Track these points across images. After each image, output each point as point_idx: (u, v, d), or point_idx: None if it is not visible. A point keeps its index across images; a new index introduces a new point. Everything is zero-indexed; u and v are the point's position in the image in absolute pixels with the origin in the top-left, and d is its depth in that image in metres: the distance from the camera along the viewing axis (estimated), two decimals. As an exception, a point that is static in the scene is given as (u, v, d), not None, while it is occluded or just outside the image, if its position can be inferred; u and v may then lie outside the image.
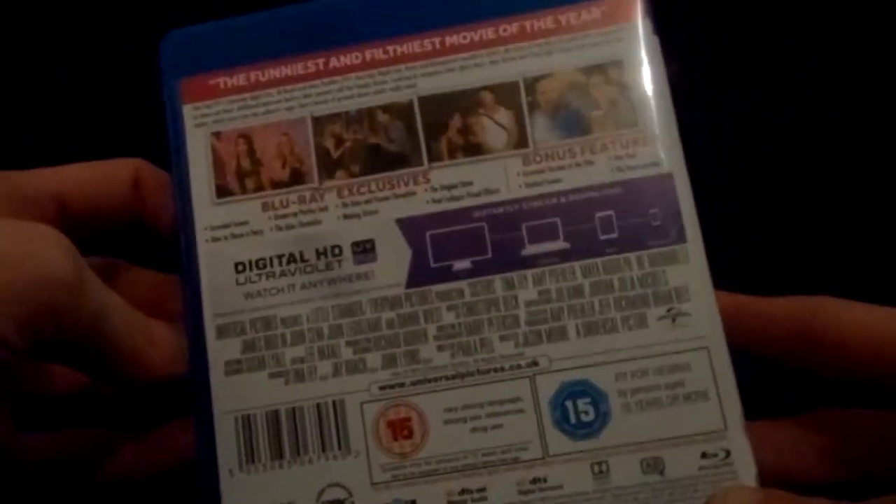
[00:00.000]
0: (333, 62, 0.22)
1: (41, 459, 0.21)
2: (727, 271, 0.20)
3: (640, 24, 0.21)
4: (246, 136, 0.22)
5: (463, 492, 0.19)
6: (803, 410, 0.20)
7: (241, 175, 0.21)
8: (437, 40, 0.21)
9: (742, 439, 0.19)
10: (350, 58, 0.22)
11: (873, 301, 0.19)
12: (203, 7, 0.23)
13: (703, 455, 0.19)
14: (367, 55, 0.22)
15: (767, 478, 0.18)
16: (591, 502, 0.19)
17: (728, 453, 0.19)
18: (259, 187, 0.21)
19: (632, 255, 0.20)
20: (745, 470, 0.19)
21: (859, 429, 0.19)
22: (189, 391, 0.20)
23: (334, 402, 0.20)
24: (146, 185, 0.22)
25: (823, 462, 0.19)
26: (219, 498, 0.19)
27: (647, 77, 0.21)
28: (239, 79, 0.22)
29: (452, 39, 0.21)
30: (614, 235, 0.20)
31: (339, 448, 0.20)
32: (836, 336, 0.18)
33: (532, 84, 0.21)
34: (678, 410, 0.19)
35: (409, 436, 0.20)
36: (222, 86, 0.22)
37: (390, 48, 0.22)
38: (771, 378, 0.20)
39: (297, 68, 0.22)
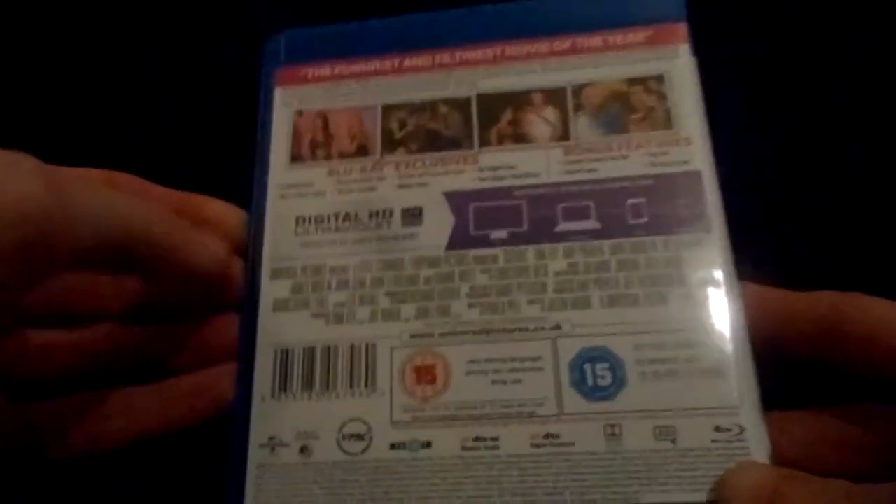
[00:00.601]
0: (407, 62, 0.25)
1: (53, 424, 0.21)
2: (756, 269, 0.21)
3: (682, 47, 0.23)
4: (323, 116, 0.25)
5: (477, 439, 0.20)
6: (824, 405, 0.20)
7: (314, 146, 0.24)
8: (498, 50, 0.25)
9: (757, 418, 0.19)
10: (421, 59, 0.25)
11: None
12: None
13: (717, 429, 0.19)
14: (437, 58, 0.25)
15: (779, 465, 0.18)
16: (601, 463, 0.19)
17: (742, 429, 0.19)
18: (328, 156, 0.24)
19: (658, 238, 0.21)
20: (759, 448, 0.19)
21: (879, 422, 0.19)
22: (240, 324, 0.22)
23: (367, 345, 0.21)
24: (120, 185, 0.23)
25: (839, 453, 0.19)
26: (248, 420, 0.21)
27: (684, 90, 0.23)
28: (325, 70, 0.25)
29: (512, 50, 0.25)
30: (643, 220, 0.22)
31: (366, 386, 0.21)
32: (863, 332, 0.19)
33: (578, 90, 0.24)
34: (694, 383, 0.19)
35: (433, 381, 0.21)
36: (310, 75, 0.25)
37: (457, 54, 0.25)
38: (794, 372, 0.20)
39: (375, 65, 0.25)
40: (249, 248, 0.23)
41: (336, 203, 0.23)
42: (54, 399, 0.22)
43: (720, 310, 0.20)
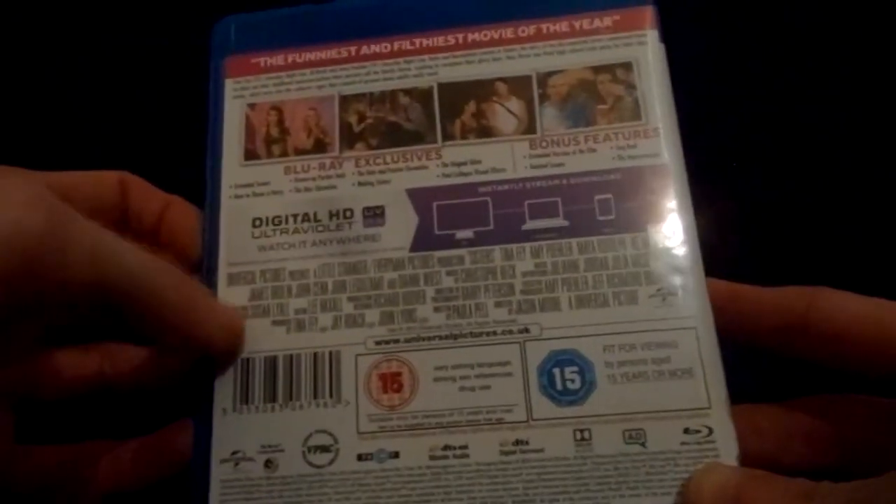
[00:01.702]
0: (364, 49, 0.24)
1: (41, 474, 0.21)
2: (723, 264, 0.21)
3: (649, 33, 0.23)
4: (277, 109, 0.23)
5: (446, 447, 0.19)
6: (790, 398, 0.20)
7: (268, 142, 0.23)
8: (459, 36, 0.23)
9: (725, 418, 0.19)
10: (379, 47, 0.24)
11: (870, 294, 0.19)
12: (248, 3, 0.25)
13: (686, 430, 0.19)
14: (395, 45, 0.24)
15: (749, 461, 0.18)
16: (571, 468, 0.19)
17: (710, 431, 0.19)
18: (284, 153, 0.23)
19: (627, 236, 0.21)
20: (727, 449, 0.19)
21: (847, 414, 0.19)
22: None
23: (330, 353, 0.21)
24: (131, 187, 0.22)
25: (807, 447, 0.19)
26: (210, 435, 0.20)
27: (652, 78, 0.22)
28: (277, 59, 0.24)
29: (474, 36, 0.23)
30: (611, 217, 0.21)
31: (331, 396, 0.20)
32: (832, 325, 0.19)
33: (544, 78, 0.23)
34: (663, 385, 0.19)
35: (399, 389, 0.20)
36: (262, 64, 0.24)
37: (416, 40, 0.24)
38: (759, 365, 0.20)
39: (331, 53, 0.24)
40: (204, 252, 0.22)
41: (294, 203, 0.22)
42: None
43: (689, 309, 0.20)
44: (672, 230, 0.21)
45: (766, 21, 0.25)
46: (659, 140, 0.22)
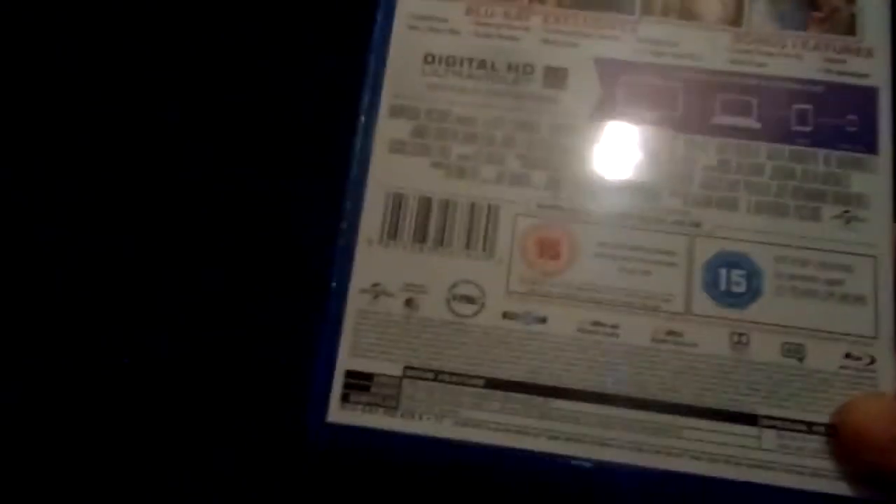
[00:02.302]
0: None
1: None
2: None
3: (880, -52, 0.21)
4: (467, -56, 0.22)
5: (596, 323, 0.19)
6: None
7: (452, -23, 0.22)
8: None
9: (889, 352, 0.18)
10: None
11: None
12: None
13: (847, 356, 0.18)
14: None
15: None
16: (723, 368, 0.18)
17: (873, 360, 0.18)
18: (468, -8, 0.21)
19: (820, 151, 0.20)
20: (886, 382, 0.18)
21: None
22: (350, 163, 0.20)
23: (489, 206, 0.20)
24: None
25: None
26: (351, 263, 0.19)
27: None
28: None
29: (691, -89, 0.22)
30: (808, 129, 0.20)
31: (483, 250, 0.19)
32: None
33: (760, -29, 0.21)
34: (832, 307, 0.19)
35: (556, 257, 0.19)
36: None
37: None
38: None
39: None
40: (367, 79, 0.21)
41: (472, 46, 0.21)
42: None
43: (872, 237, 0.19)
44: (870, 155, 0.20)
45: None
46: (871, 60, 0.20)
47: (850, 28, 0.21)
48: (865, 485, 0.17)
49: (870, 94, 0.20)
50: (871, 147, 0.20)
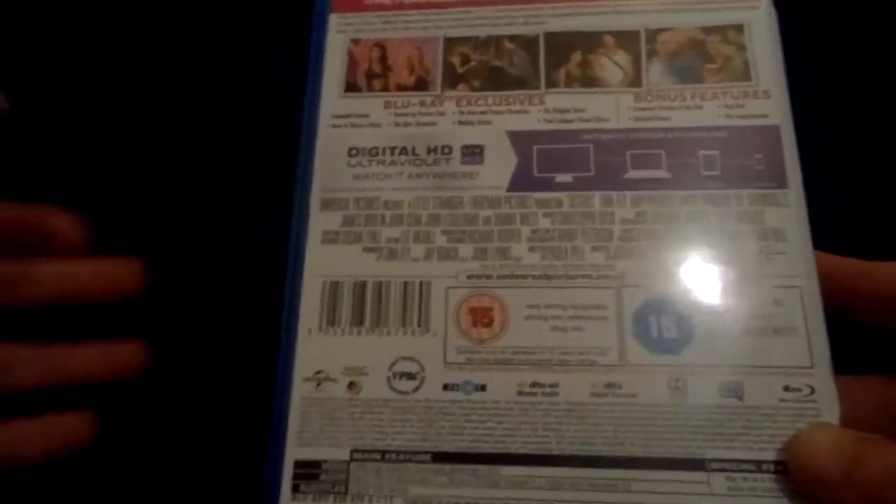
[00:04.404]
0: (472, -4, 0.24)
1: None
2: (830, 232, 0.20)
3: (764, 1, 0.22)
4: (381, 45, 0.24)
5: (534, 384, 0.19)
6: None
7: (370, 76, 0.23)
8: (569, -11, 0.23)
9: (828, 379, 0.18)
10: (488, -6, 0.24)
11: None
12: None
13: (786, 388, 0.18)
14: (504, -6, 0.24)
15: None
16: (665, 415, 0.18)
17: (812, 390, 0.18)
18: (385, 88, 0.23)
19: (732, 192, 0.20)
20: (829, 410, 0.18)
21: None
22: (285, 256, 0.21)
23: (421, 283, 0.20)
24: None
25: None
26: (293, 353, 0.20)
27: (764, 41, 0.22)
28: (384, -1, 0.24)
29: (584, -10, 0.23)
30: (717, 173, 0.21)
31: (419, 325, 0.20)
32: None
33: (653, 34, 0.22)
34: (764, 341, 0.19)
35: (489, 324, 0.20)
36: (369, 2, 0.24)
37: (526, -10, 0.24)
38: (858, 341, 0.20)
39: (439, -3, 0.24)
40: (297, 178, 0.22)
41: (392, 136, 0.22)
42: None
43: (794, 268, 0.19)
44: (780, 190, 0.20)
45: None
46: (769, 101, 0.21)
47: (746, 74, 0.22)
48: (822, 520, 0.17)
49: (772, 133, 0.21)
50: (780, 182, 0.20)
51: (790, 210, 0.20)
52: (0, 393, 0.20)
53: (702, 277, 0.20)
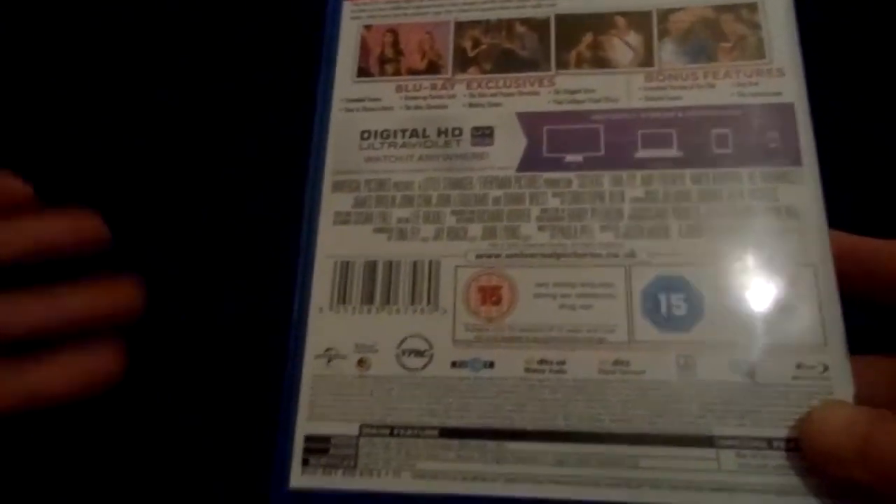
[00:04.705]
0: (483, -20, 0.24)
1: None
2: (842, 211, 0.20)
3: (776, -24, 0.22)
4: (393, 31, 0.24)
5: (542, 361, 0.19)
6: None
7: (382, 61, 0.23)
8: (580, -29, 0.23)
9: (842, 357, 0.18)
10: (499, -22, 0.24)
11: None
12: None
13: (799, 366, 0.18)
14: (515, -23, 0.24)
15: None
16: (673, 392, 0.18)
17: (826, 367, 0.18)
18: (397, 72, 0.23)
19: (744, 170, 0.20)
20: (843, 388, 0.18)
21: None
22: (298, 236, 0.22)
23: (430, 262, 0.21)
24: None
25: None
26: (305, 331, 0.20)
27: (778, 19, 0.22)
28: (396, -15, 0.24)
29: (595, -28, 0.23)
30: (728, 151, 0.20)
31: (428, 303, 0.20)
32: None
33: (665, 14, 0.22)
34: (776, 319, 0.18)
35: (498, 302, 0.20)
36: (381, -11, 0.25)
37: (537, -27, 0.24)
38: (876, 321, 0.19)
39: (450, -18, 0.24)
40: (311, 160, 0.22)
41: (403, 119, 0.22)
42: None
43: (808, 246, 0.19)
44: (794, 167, 0.20)
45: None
46: (783, 79, 0.21)
47: (760, 52, 0.21)
48: (834, 499, 0.16)
49: (786, 111, 0.21)
50: (795, 160, 0.20)
51: (804, 188, 0.20)
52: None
53: (713, 255, 0.19)
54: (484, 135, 0.22)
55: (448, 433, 0.19)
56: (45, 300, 0.21)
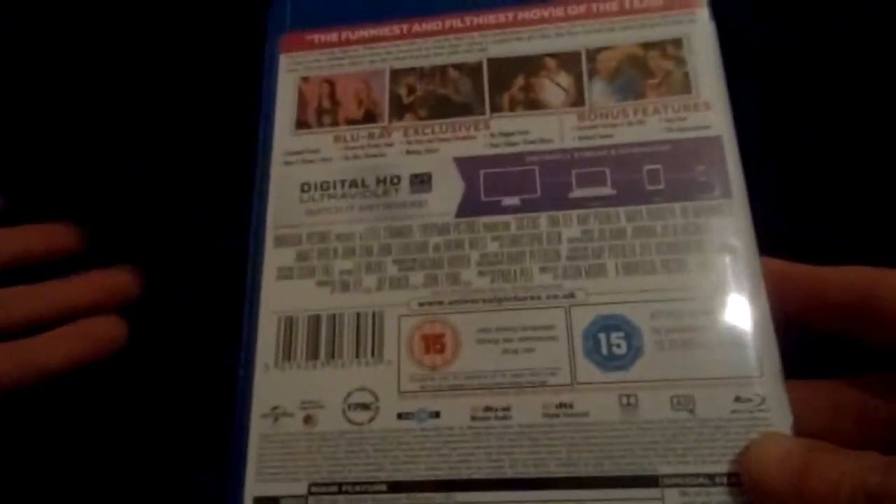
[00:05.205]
0: (416, 27, 0.24)
1: None
2: (775, 238, 0.20)
3: (699, 11, 0.23)
4: (329, 82, 0.24)
5: (487, 409, 0.19)
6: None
7: (320, 112, 0.24)
8: (510, 14, 0.24)
9: (778, 388, 0.18)
10: (431, 24, 0.24)
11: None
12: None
13: (737, 399, 0.18)
14: (447, 23, 0.24)
15: (801, 435, 0.18)
16: (617, 433, 0.18)
17: (763, 399, 0.18)
18: (334, 123, 0.23)
19: (677, 205, 0.20)
20: (781, 418, 0.18)
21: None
22: (242, 292, 0.22)
23: (374, 313, 0.21)
24: None
25: (856, 425, 0.18)
26: (251, 389, 0.20)
27: (703, 54, 0.22)
28: (331, 36, 0.25)
29: (524, 14, 0.24)
30: (661, 186, 0.21)
31: (373, 356, 0.20)
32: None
33: (593, 54, 0.23)
34: (713, 352, 0.19)
35: (442, 350, 0.20)
36: (316, 41, 0.25)
37: (468, 18, 0.24)
38: (809, 348, 0.20)
39: (383, 30, 0.24)
40: (253, 215, 0.23)
41: (343, 169, 0.23)
42: None
43: (741, 278, 0.19)
44: (724, 200, 0.20)
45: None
46: (710, 112, 0.21)
47: (686, 87, 0.22)
48: (776, 532, 0.17)
49: (715, 144, 0.21)
50: (724, 192, 0.20)
51: (735, 219, 0.20)
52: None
53: (650, 292, 0.20)
54: (422, 181, 0.22)
55: (396, 487, 0.19)
56: (42, 289, 0.23)
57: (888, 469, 0.15)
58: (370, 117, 0.23)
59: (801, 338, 0.19)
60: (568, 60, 0.23)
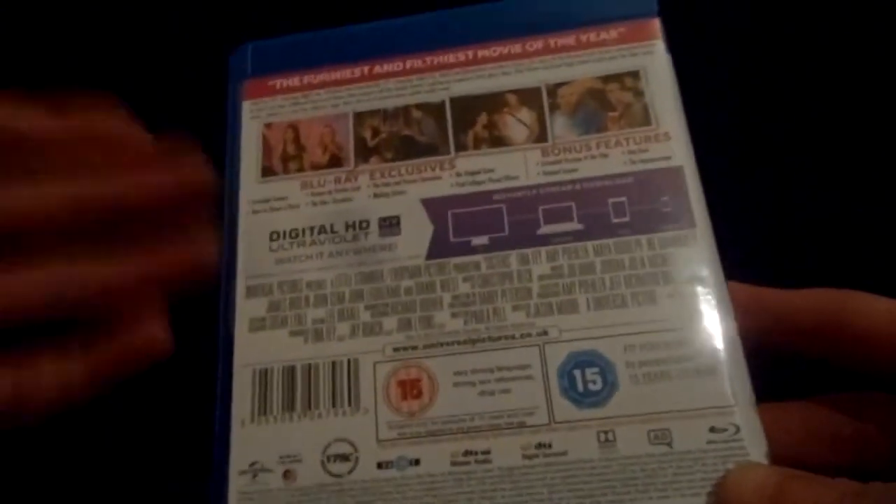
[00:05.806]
0: (377, 69, 0.24)
1: None
2: (738, 264, 0.20)
3: (656, 43, 0.23)
4: (293, 127, 0.24)
5: (467, 453, 0.19)
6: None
7: (285, 158, 0.24)
8: (469, 53, 0.24)
9: (752, 415, 0.18)
10: (392, 66, 0.24)
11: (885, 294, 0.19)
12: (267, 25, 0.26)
13: (712, 429, 0.18)
14: (408, 64, 0.24)
15: (777, 460, 0.18)
16: (595, 470, 0.18)
17: (738, 429, 0.18)
18: (300, 169, 0.23)
19: (643, 238, 0.21)
20: (756, 447, 0.18)
21: (871, 413, 0.18)
22: (216, 346, 0.21)
23: (349, 361, 0.20)
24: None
25: (829, 445, 0.18)
26: (228, 446, 0.20)
27: (661, 85, 0.23)
28: (293, 81, 0.25)
29: (483, 52, 0.24)
30: (626, 219, 0.21)
31: (350, 405, 0.20)
32: (863, 329, 0.18)
33: (553, 89, 0.23)
34: (686, 383, 0.19)
35: (418, 396, 0.20)
36: (278, 86, 0.25)
37: (428, 58, 0.24)
38: (780, 371, 0.20)
39: (345, 73, 0.25)
40: (222, 267, 0.22)
41: (311, 216, 0.23)
42: None
43: (709, 306, 0.20)
44: (688, 230, 0.21)
45: (767, 28, 0.26)
46: (670, 143, 0.22)
47: (646, 118, 0.22)
48: (757, 563, 0.17)
49: (676, 174, 0.21)
50: (688, 221, 0.21)
51: (699, 249, 0.20)
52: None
53: (621, 325, 0.20)
54: (391, 224, 0.22)
55: (379, 538, 0.19)
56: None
57: (858, 496, 0.15)
58: (336, 161, 0.23)
59: (769, 360, 0.20)
60: (529, 96, 0.23)
